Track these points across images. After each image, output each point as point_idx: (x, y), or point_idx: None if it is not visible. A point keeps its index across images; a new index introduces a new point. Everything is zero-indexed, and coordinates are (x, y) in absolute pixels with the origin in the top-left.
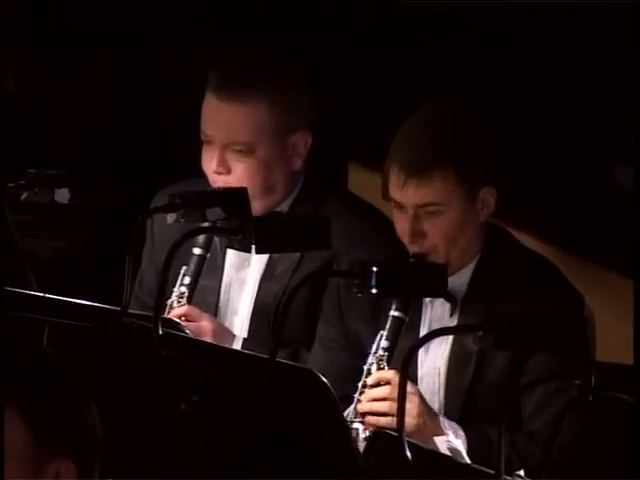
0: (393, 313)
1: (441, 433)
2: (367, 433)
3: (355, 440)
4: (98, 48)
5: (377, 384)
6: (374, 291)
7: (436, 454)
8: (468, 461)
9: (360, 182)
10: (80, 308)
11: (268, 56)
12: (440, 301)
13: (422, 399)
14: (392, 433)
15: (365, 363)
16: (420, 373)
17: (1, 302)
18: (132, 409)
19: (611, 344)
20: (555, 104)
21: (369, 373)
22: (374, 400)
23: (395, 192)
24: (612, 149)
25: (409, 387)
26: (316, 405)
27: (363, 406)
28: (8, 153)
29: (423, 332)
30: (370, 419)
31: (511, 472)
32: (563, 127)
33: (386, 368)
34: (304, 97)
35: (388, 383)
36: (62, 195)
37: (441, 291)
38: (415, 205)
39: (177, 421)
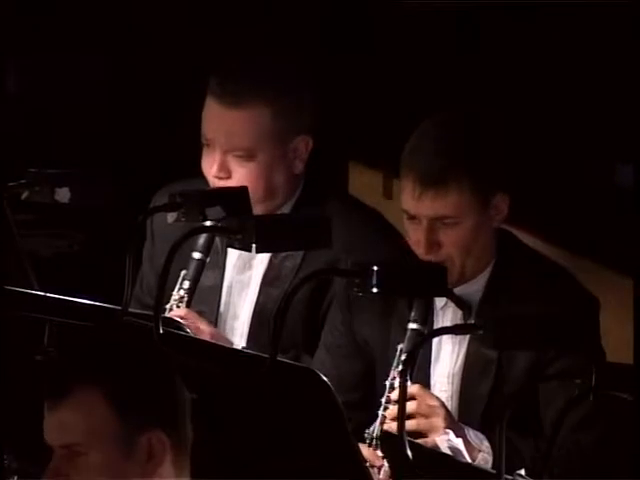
0: (412, 326)
1: (470, 447)
2: None
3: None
4: (98, 47)
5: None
6: (375, 290)
7: (437, 454)
8: (469, 460)
9: (360, 184)
10: (80, 307)
11: (268, 60)
12: (452, 308)
13: (448, 412)
14: (394, 433)
15: (387, 378)
16: (432, 380)
17: (1, 301)
18: None
19: (611, 343)
20: (556, 104)
21: (392, 388)
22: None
23: (409, 203)
24: (612, 148)
25: (435, 401)
26: (317, 405)
27: (391, 425)
28: (8, 152)
29: (436, 340)
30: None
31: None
32: (563, 126)
33: (410, 383)
34: (305, 101)
35: (413, 398)
36: (62, 194)
37: (441, 290)
38: (429, 217)
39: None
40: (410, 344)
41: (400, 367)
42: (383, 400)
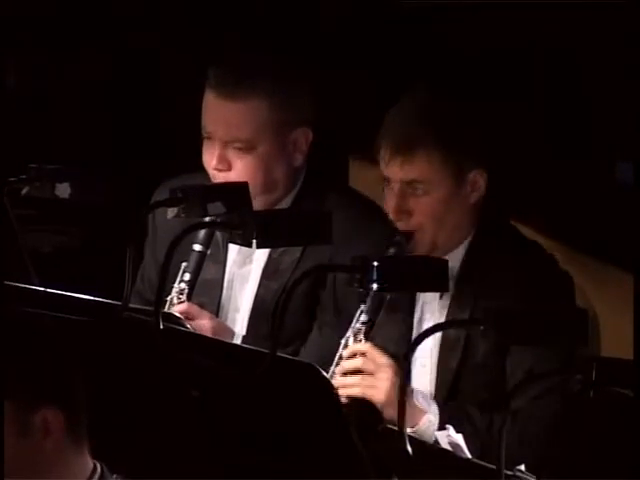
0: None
1: (416, 409)
2: None
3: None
4: (98, 42)
5: (353, 356)
6: (375, 286)
7: (437, 449)
8: (469, 456)
9: (361, 178)
10: (81, 302)
11: (267, 52)
12: None
13: (396, 372)
14: (394, 429)
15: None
16: (414, 355)
17: (2, 297)
18: (132, 406)
19: (611, 339)
20: (556, 102)
21: (346, 346)
22: (347, 372)
23: (383, 168)
24: (613, 145)
25: (384, 359)
26: (317, 399)
27: (336, 380)
28: (9, 147)
29: (417, 312)
30: (341, 391)
31: (512, 467)
32: (564, 123)
33: (363, 341)
34: (304, 93)
35: (364, 355)
36: (63, 190)
37: (442, 286)
38: (401, 181)
39: (177, 417)
40: (371, 306)
41: (357, 326)
42: (336, 356)
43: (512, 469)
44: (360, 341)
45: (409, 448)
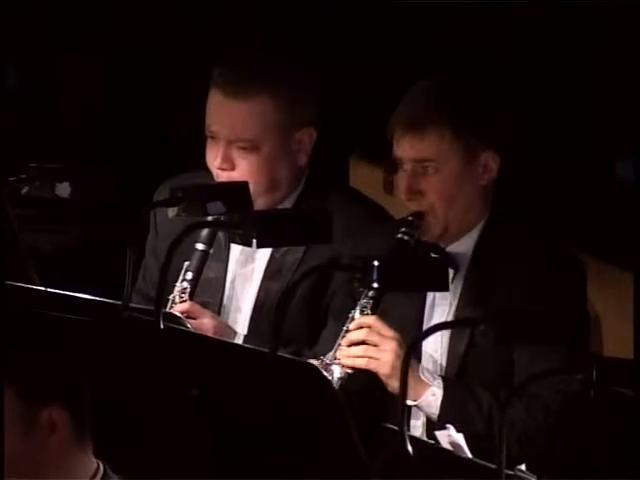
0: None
1: (420, 382)
2: (342, 374)
3: (331, 382)
4: (99, 41)
5: (359, 329)
6: (375, 285)
7: (437, 449)
8: (469, 456)
9: (361, 178)
10: (81, 302)
11: (272, 52)
12: None
13: (400, 345)
14: (395, 428)
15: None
16: (425, 341)
17: (2, 297)
18: (132, 404)
19: (611, 338)
20: (556, 100)
21: (352, 319)
22: (352, 343)
23: (395, 148)
24: (614, 143)
25: (389, 332)
26: (317, 399)
27: (341, 352)
28: (9, 147)
29: (429, 296)
30: (346, 361)
31: (512, 466)
32: (565, 121)
33: (370, 313)
34: (308, 92)
35: (369, 328)
36: (63, 189)
37: (442, 285)
38: (411, 160)
39: (177, 415)
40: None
41: (364, 301)
42: (343, 329)
43: (513, 468)
44: (366, 315)
45: (409, 448)
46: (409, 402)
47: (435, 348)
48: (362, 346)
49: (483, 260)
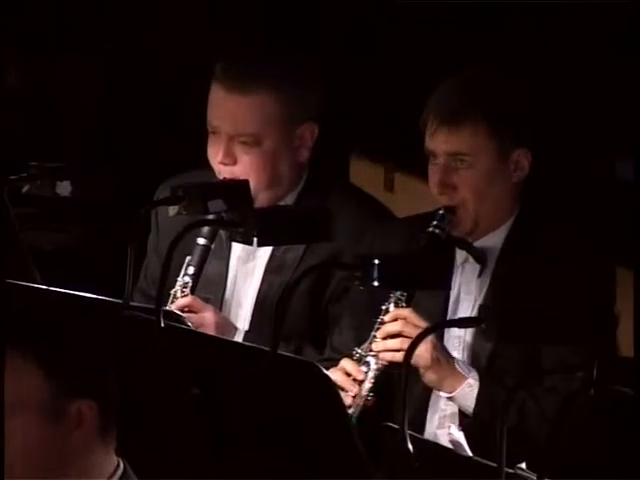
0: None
1: (456, 373)
2: (379, 365)
3: (367, 373)
4: (99, 40)
5: (394, 321)
6: (376, 284)
7: (438, 447)
8: (470, 454)
9: (362, 177)
10: (82, 300)
11: (273, 48)
12: (471, 265)
13: (436, 336)
14: (395, 427)
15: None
16: (447, 335)
17: (3, 295)
18: (132, 403)
19: None
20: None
21: (387, 311)
22: (388, 335)
23: (428, 141)
24: (613, 143)
25: (425, 323)
26: (317, 398)
27: (377, 344)
28: (9, 146)
29: (454, 291)
30: (385, 355)
31: (513, 465)
32: (564, 120)
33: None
34: (310, 88)
35: (405, 320)
36: (63, 188)
37: (443, 284)
38: (445, 154)
39: (177, 414)
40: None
41: (399, 293)
42: (377, 321)
43: (513, 467)
44: (401, 307)
45: (410, 447)
46: (444, 394)
47: (460, 340)
48: (399, 338)
49: (511, 256)
